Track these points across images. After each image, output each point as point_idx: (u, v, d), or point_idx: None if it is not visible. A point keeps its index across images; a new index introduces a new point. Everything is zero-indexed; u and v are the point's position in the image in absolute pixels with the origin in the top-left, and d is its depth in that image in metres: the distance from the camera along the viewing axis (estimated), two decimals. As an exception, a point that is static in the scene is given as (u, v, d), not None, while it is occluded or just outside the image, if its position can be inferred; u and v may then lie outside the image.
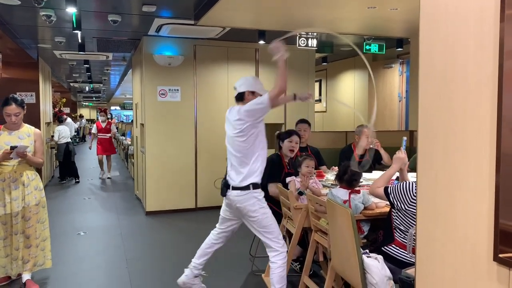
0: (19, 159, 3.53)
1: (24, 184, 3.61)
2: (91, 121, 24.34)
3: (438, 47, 1.43)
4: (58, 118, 10.04)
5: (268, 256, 3.37)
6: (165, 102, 6.36)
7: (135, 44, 6.87)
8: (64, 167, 9.57)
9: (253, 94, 3.26)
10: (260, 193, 3.20)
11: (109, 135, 10.34)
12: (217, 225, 3.52)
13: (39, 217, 3.74)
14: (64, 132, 9.40)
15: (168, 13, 5.07)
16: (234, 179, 3.19)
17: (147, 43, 6.25)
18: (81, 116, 24.41)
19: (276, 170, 3.92)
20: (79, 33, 5.51)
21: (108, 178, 10.18)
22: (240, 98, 3.29)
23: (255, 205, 3.14)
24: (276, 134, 5.54)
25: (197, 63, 6.50)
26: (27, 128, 3.69)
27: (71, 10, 4.45)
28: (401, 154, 2.99)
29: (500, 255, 1.22)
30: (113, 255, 4.68)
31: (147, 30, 5.88)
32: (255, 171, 3.17)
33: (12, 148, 3.41)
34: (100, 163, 10.26)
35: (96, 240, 5.23)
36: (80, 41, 6.01)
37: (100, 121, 10.52)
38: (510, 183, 1.21)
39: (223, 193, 3.28)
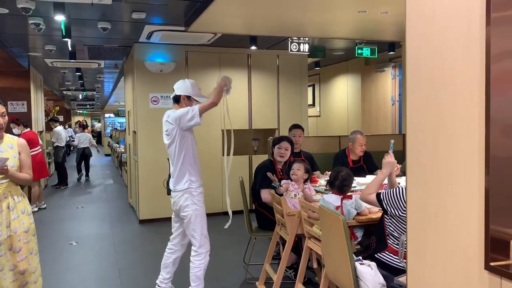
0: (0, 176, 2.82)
1: (9, 207, 2.86)
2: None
3: (425, 50, 1.41)
4: (81, 125, 12.28)
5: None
6: (157, 109, 6.31)
7: (127, 51, 6.83)
8: (79, 167, 11.37)
9: (189, 98, 3.37)
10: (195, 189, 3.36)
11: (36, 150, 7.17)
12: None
13: (30, 247, 2.98)
14: (84, 138, 11.25)
15: (159, 19, 5.04)
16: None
17: (139, 50, 6.21)
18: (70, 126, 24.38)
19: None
20: (69, 41, 5.46)
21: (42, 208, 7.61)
22: (176, 100, 3.43)
23: (187, 201, 3.31)
24: (269, 140, 5.53)
25: (189, 69, 6.47)
26: (8, 139, 2.98)
27: (60, 18, 4.41)
28: (390, 158, 2.95)
29: (492, 264, 1.18)
30: (105, 264, 4.61)
31: (138, 37, 5.85)
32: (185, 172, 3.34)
33: None
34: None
35: (88, 249, 5.16)
36: (70, 49, 5.97)
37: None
38: (500, 186, 1.18)
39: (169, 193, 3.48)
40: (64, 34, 4.69)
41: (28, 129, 7.28)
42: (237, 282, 4.02)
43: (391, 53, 6.76)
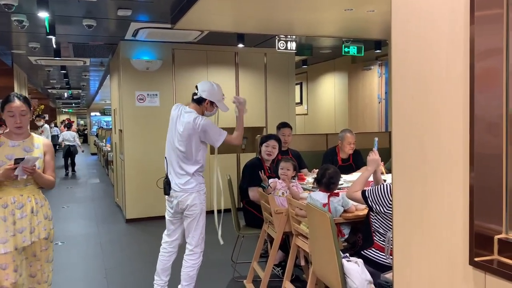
0: (26, 177, 2.64)
1: (32, 211, 2.72)
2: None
3: (411, 48, 1.42)
4: (66, 125, 13.15)
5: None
6: (143, 107, 6.27)
7: (112, 49, 6.76)
8: (66, 162, 12.30)
9: (212, 104, 3.31)
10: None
11: None
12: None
13: (47, 255, 2.87)
14: (69, 136, 12.11)
15: (144, 17, 4.99)
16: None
17: (124, 47, 6.15)
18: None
19: (257, 174, 3.89)
20: (53, 38, 5.38)
21: None
22: (199, 101, 3.31)
23: (196, 200, 3.25)
24: (256, 138, 5.52)
25: (176, 67, 6.43)
26: (35, 138, 2.83)
27: (43, 15, 4.34)
28: (375, 155, 2.97)
29: (476, 259, 1.20)
30: (91, 265, 4.57)
31: (123, 35, 5.79)
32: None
33: (17, 161, 2.55)
34: None
35: (74, 250, 5.10)
36: (55, 46, 5.88)
37: None
38: (484, 183, 1.20)
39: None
40: (48, 31, 4.62)
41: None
42: (225, 280, 4.02)
43: (378, 51, 6.81)
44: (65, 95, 15.56)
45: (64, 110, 29.29)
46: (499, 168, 1.19)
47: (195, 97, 3.33)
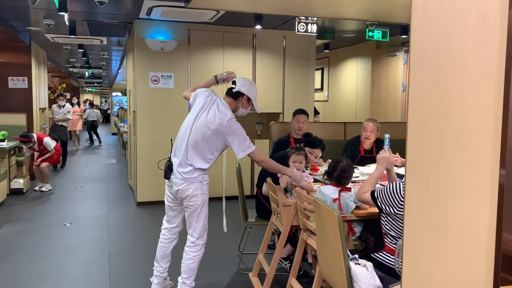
0: None
1: None
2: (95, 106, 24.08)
3: (432, 30, 1.17)
4: (90, 103, 17.59)
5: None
6: (157, 89, 6.11)
7: (128, 28, 6.59)
8: (90, 135, 15.26)
9: (248, 101, 3.14)
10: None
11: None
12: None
13: None
14: (93, 113, 15.12)
15: (158, -6, 4.79)
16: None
17: (139, 27, 5.97)
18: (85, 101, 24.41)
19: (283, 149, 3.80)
20: (65, 15, 5.23)
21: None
22: (235, 95, 3.12)
23: (197, 190, 3.06)
24: (270, 124, 5.31)
25: (192, 48, 6.22)
26: None
27: (52, -11, 4.18)
28: (385, 153, 2.71)
29: (502, 288, 0.97)
30: (96, 249, 4.47)
31: (138, 13, 5.60)
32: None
33: None
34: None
35: (81, 232, 5.02)
36: (68, 23, 5.74)
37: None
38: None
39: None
40: (57, 6, 4.47)
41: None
42: (230, 272, 3.86)
43: (404, 36, 6.44)
44: (86, 74, 15.58)
45: (87, 89, 29.56)
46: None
47: (233, 90, 3.15)
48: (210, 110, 3.04)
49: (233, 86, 3.17)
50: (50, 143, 7.07)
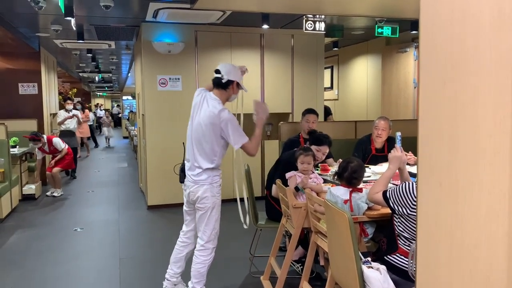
0: None
1: None
2: (106, 110, 24.21)
3: (442, 21, 1.10)
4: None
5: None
6: (165, 92, 6.08)
7: (136, 32, 6.59)
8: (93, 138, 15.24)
9: (238, 86, 3.08)
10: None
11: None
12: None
13: None
14: (102, 113, 16.01)
15: (163, -4, 4.76)
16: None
17: (146, 30, 5.96)
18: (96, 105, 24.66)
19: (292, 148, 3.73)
20: (72, 20, 5.24)
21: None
22: (224, 85, 3.03)
23: (207, 192, 3.04)
24: (279, 125, 5.25)
25: (199, 50, 6.19)
26: None
27: (58, -6, 4.18)
28: (397, 152, 2.63)
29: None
30: (107, 253, 4.45)
31: (144, 16, 5.59)
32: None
33: None
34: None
35: (92, 237, 5.01)
36: (74, 28, 5.75)
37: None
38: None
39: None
40: (63, 11, 4.46)
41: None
42: (241, 275, 3.81)
43: (414, 32, 6.32)
44: (96, 79, 15.68)
45: (98, 93, 29.78)
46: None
47: (223, 81, 3.03)
48: (202, 107, 3.05)
49: (218, 75, 3.04)
50: (59, 143, 7.11)
